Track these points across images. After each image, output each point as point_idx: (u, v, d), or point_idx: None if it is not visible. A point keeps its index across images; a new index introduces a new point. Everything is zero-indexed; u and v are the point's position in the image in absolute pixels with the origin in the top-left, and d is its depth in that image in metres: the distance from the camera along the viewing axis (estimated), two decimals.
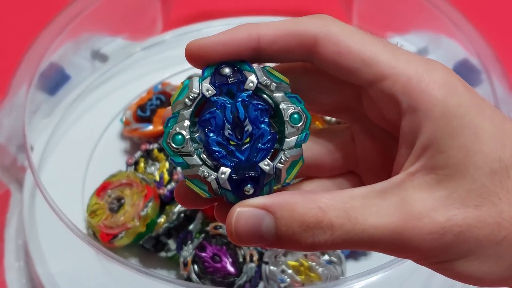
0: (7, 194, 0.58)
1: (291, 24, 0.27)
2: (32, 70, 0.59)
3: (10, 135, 0.58)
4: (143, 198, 0.52)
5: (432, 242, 0.24)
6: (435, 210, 0.24)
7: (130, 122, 0.60)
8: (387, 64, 0.25)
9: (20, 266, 0.53)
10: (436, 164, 0.24)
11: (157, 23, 0.73)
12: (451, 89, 0.25)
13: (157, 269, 0.52)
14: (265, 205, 0.25)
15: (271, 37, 0.26)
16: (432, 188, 0.24)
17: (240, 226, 0.25)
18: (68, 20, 0.64)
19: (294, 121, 0.26)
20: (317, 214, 0.24)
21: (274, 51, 0.27)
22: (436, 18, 0.65)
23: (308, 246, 0.25)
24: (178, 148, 0.26)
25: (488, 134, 0.24)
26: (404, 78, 0.25)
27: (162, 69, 0.68)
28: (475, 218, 0.23)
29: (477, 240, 0.24)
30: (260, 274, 0.49)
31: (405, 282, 0.48)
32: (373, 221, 0.24)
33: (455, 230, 0.23)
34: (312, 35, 0.26)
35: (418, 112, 0.24)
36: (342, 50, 0.26)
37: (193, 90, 0.26)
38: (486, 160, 0.24)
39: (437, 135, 0.24)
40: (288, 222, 0.25)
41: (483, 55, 0.60)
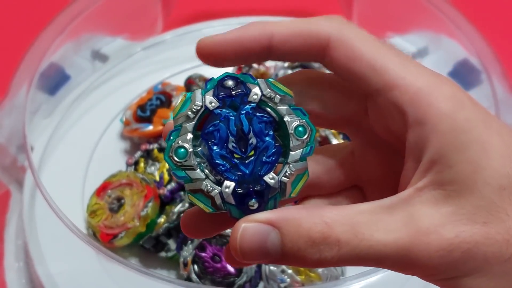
0: (7, 194, 0.58)
1: (304, 24, 0.26)
2: (32, 70, 0.59)
3: (10, 135, 0.58)
4: (143, 198, 0.52)
5: (440, 259, 0.23)
6: (443, 226, 0.23)
7: (130, 122, 0.60)
8: (397, 74, 0.25)
9: (20, 266, 0.53)
10: (444, 180, 0.24)
11: (157, 23, 0.73)
12: (459, 103, 0.24)
13: (157, 269, 0.52)
14: (270, 220, 0.24)
15: (284, 36, 0.26)
16: (440, 203, 0.24)
17: (245, 241, 0.24)
18: (68, 20, 0.64)
19: (299, 134, 0.26)
20: (323, 230, 0.24)
21: (286, 50, 0.26)
22: (436, 18, 0.65)
23: (314, 263, 0.24)
24: (181, 162, 0.25)
25: (497, 149, 0.24)
26: (413, 89, 0.25)
27: (162, 69, 0.68)
28: (483, 235, 0.23)
29: (485, 257, 0.23)
30: (260, 274, 0.49)
31: (405, 282, 0.48)
32: (380, 237, 0.23)
33: (463, 247, 0.23)
34: (326, 37, 0.26)
35: (426, 125, 0.24)
36: (354, 55, 0.25)
37: (196, 103, 0.26)
38: (495, 176, 0.23)
39: (445, 150, 0.24)
40: (294, 237, 0.24)
41: (483, 55, 0.60)
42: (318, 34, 0.26)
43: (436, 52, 0.67)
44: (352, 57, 0.25)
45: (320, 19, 0.26)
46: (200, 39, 0.27)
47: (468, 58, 0.63)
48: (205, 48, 0.27)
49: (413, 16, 0.69)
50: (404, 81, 0.25)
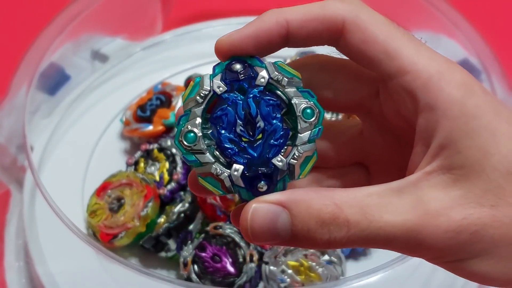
0: (7, 194, 0.58)
1: (318, 8, 0.26)
2: (32, 70, 0.59)
3: (10, 135, 0.58)
4: (143, 198, 0.52)
5: (448, 241, 0.24)
6: (451, 209, 0.24)
7: (130, 122, 0.60)
8: (410, 59, 0.25)
9: (20, 266, 0.53)
10: (453, 164, 0.24)
11: (157, 23, 0.73)
12: (470, 90, 0.25)
13: (157, 269, 0.52)
14: (281, 201, 0.25)
15: (299, 22, 0.26)
16: (448, 187, 0.24)
17: (256, 222, 0.25)
18: (68, 20, 0.64)
19: (307, 116, 0.26)
20: (334, 211, 0.24)
21: (303, 35, 0.26)
22: (436, 18, 0.65)
23: (323, 243, 0.25)
24: (191, 146, 0.26)
25: (506, 136, 0.24)
26: (425, 75, 0.25)
27: (162, 69, 0.68)
28: (491, 218, 0.24)
29: (492, 240, 0.24)
30: (260, 274, 0.49)
31: (405, 282, 0.48)
32: (389, 219, 0.24)
33: (471, 229, 0.24)
34: (341, 20, 0.26)
35: (436, 110, 0.24)
36: (368, 39, 0.26)
37: (204, 87, 0.26)
38: (503, 161, 0.24)
39: (454, 135, 0.24)
40: (304, 218, 0.24)
41: (483, 55, 0.60)
42: (334, 18, 0.26)
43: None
44: (366, 40, 0.26)
45: (335, 2, 0.26)
46: (218, 39, 0.27)
47: (467, 58, 0.63)
48: (224, 47, 0.27)
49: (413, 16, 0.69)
50: (417, 66, 0.25)
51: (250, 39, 0.26)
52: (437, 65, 0.25)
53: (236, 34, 0.26)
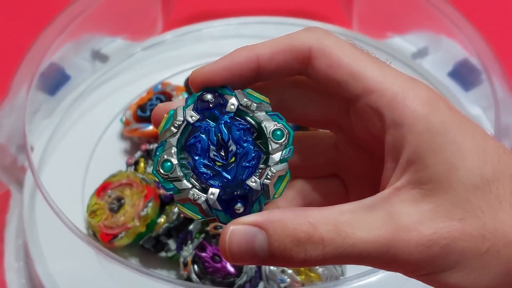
0: (7, 194, 0.58)
1: (286, 39, 0.28)
2: (33, 70, 0.59)
3: (10, 135, 0.58)
4: (143, 198, 0.52)
5: (419, 255, 0.24)
6: (421, 224, 0.24)
7: (130, 122, 0.60)
8: (375, 79, 0.26)
9: (20, 266, 0.53)
10: (421, 179, 0.25)
11: (157, 24, 0.73)
12: (434, 107, 0.25)
13: (157, 269, 0.52)
14: (257, 222, 0.25)
15: (269, 55, 0.27)
16: (418, 202, 0.25)
17: (234, 243, 0.26)
18: (68, 20, 0.64)
19: (277, 137, 0.27)
20: (308, 229, 0.25)
21: (273, 67, 0.28)
22: (436, 18, 0.65)
23: (300, 262, 0.25)
24: (167, 174, 0.27)
25: (470, 152, 0.25)
26: (389, 93, 0.26)
27: (162, 69, 0.68)
28: (460, 231, 0.24)
29: (462, 252, 0.24)
30: (260, 274, 0.49)
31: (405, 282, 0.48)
32: (362, 235, 0.24)
33: (441, 243, 0.24)
34: (307, 48, 0.27)
35: (402, 127, 0.25)
36: (334, 63, 0.27)
37: (177, 118, 0.27)
38: (469, 176, 0.24)
39: (421, 150, 0.25)
40: (280, 237, 0.25)
41: (483, 55, 0.60)
42: (300, 47, 0.27)
43: (436, 52, 0.67)
44: (331, 65, 0.27)
45: (300, 32, 0.28)
46: (192, 71, 0.28)
47: (468, 58, 0.63)
48: (197, 79, 0.28)
49: (413, 16, 0.69)
50: (382, 85, 0.26)
51: (222, 72, 0.28)
52: (401, 83, 0.26)
53: (208, 67, 0.28)
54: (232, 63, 0.28)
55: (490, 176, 0.25)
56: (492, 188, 0.25)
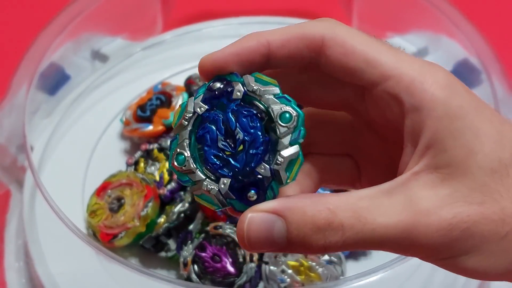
0: (7, 194, 0.58)
1: (298, 28, 0.27)
2: (32, 70, 0.59)
3: (10, 135, 0.58)
4: (143, 198, 0.52)
5: (440, 239, 0.24)
6: (441, 208, 0.24)
7: (130, 122, 0.60)
8: (391, 65, 0.26)
9: (20, 266, 0.53)
10: (439, 163, 0.25)
11: (157, 23, 0.73)
12: (453, 91, 0.25)
13: (157, 269, 0.52)
14: (276, 209, 0.25)
15: (280, 41, 0.27)
16: (437, 186, 0.25)
17: (252, 231, 0.25)
18: (68, 20, 0.64)
19: (285, 120, 0.26)
20: (328, 216, 0.25)
21: (284, 55, 0.27)
22: (436, 18, 0.65)
23: (319, 248, 0.25)
24: (181, 167, 0.27)
25: (488, 136, 0.25)
26: (407, 78, 0.26)
27: (162, 69, 0.68)
28: (480, 215, 0.24)
29: (482, 236, 0.24)
30: (260, 274, 0.49)
31: (405, 282, 0.48)
32: (382, 221, 0.24)
33: (461, 227, 0.24)
34: (320, 36, 0.27)
35: (421, 111, 0.25)
36: (348, 51, 0.26)
37: (187, 110, 0.27)
38: (487, 160, 0.24)
39: (439, 135, 0.25)
40: (299, 225, 0.25)
41: (483, 55, 0.60)
42: (313, 35, 0.27)
43: (436, 52, 0.67)
44: (345, 53, 0.26)
45: (312, 21, 0.28)
46: (201, 58, 0.28)
47: (468, 58, 0.63)
48: (206, 65, 0.28)
49: (413, 16, 0.69)
50: (398, 70, 0.26)
51: (232, 57, 0.27)
52: (418, 67, 0.26)
53: (218, 53, 0.27)
54: (242, 48, 0.27)
55: (508, 160, 0.25)
56: (510, 172, 0.25)
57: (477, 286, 0.48)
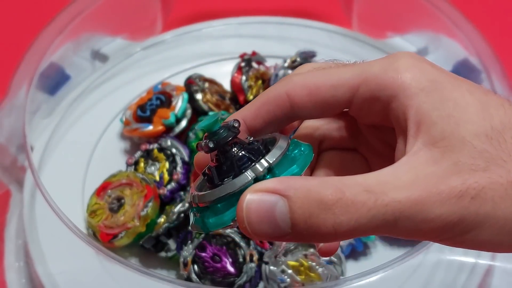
0: (7, 194, 0.58)
1: (262, 96, 0.29)
2: (32, 70, 0.59)
3: (10, 135, 0.58)
4: (143, 198, 0.52)
5: (452, 207, 0.24)
6: (448, 177, 0.24)
7: (130, 122, 0.60)
8: (355, 76, 0.27)
9: (20, 266, 0.53)
10: (434, 137, 0.25)
11: (157, 23, 0.73)
12: (419, 69, 0.26)
13: (157, 269, 0.52)
14: (277, 189, 0.24)
15: (252, 114, 0.29)
16: (439, 161, 0.24)
17: (252, 214, 0.24)
18: (68, 20, 0.64)
19: None
20: (336, 192, 0.23)
21: (260, 126, 0.29)
22: (436, 18, 0.65)
23: (329, 231, 0.23)
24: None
25: (471, 106, 0.25)
26: (373, 77, 0.27)
27: (162, 69, 0.68)
28: (487, 180, 0.24)
29: (493, 202, 0.24)
30: (260, 274, 0.49)
31: (405, 282, 0.48)
32: (393, 195, 0.23)
33: (471, 193, 0.24)
34: (283, 92, 0.28)
35: (398, 97, 0.26)
36: (312, 89, 0.28)
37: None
38: (479, 128, 0.25)
39: (423, 110, 0.25)
40: (304, 203, 0.23)
41: (483, 55, 0.60)
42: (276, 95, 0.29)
43: (436, 52, 0.67)
44: (311, 91, 0.28)
45: (274, 85, 0.29)
46: (195, 157, 0.30)
47: (468, 58, 0.63)
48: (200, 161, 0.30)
49: (413, 16, 0.69)
50: (363, 76, 0.27)
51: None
52: (378, 64, 0.27)
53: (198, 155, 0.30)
54: None
55: (500, 126, 0.25)
56: (507, 137, 0.24)
57: (477, 285, 0.48)
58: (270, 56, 0.66)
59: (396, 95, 0.26)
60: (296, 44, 0.67)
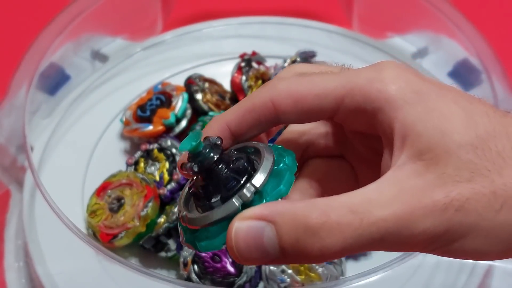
0: (7, 194, 0.58)
1: (246, 101, 0.29)
2: (32, 70, 0.59)
3: (10, 135, 0.58)
4: (143, 198, 0.52)
5: (436, 220, 0.24)
6: (432, 191, 0.24)
7: (130, 122, 0.60)
8: (340, 86, 0.27)
9: (20, 266, 0.53)
10: (420, 150, 0.25)
11: (157, 23, 0.73)
12: (404, 81, 0.26)
13: (157, 269, 0.52)
14: (263, 215, 0.24)
15: (236, 120, 0.29)
16: (423, 174, 0.25)
17: (240, 241, 0.24)
18: (68, 20, 0.64)
19: None
20: (321, 215, 0.24)
21: (243, 131, 0.29)
22: (436, 18, 0.65)
23: (316, 254, 0.24)
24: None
25: (457, 116, 0.25)
26: (358, 88, 0.26)
27: (162, 69, 0.68)
28: (470, 191, 0.24)
29: (477, 213, 0.24)
30: (260, 274, 0.49)
31: (405, 282, 0.48)
32: (379, 213, 0.24)
33: (455, 205, 0.24)
34: (268, 99, 0.28)
35: (384, 110, 0.26)
36: (297, 99, 0.27)
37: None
38: (464, 138, 0.24)
39: (408, 122, 0.25)
40: (291, 229, 0.24)
41: (483, 55, 0.60)
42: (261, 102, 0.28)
43: (436, 52, 0.67)
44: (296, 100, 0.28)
45: (258, 89, 0.29)
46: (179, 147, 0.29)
47: (468, 58, 0.63)
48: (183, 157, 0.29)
49: (413, 16, 0.69)
50: (349, 86, 0.27)
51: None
52: (364, 74, 0.27)
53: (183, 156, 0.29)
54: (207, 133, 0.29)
55: (485, 135, 0.25)
56: (491, 145, 0.24)
57: (477, 285, 0.48)
58: (270, 56, 0.66)
59: (382, 108, 0.26)
60: (296, 44, 0.67)
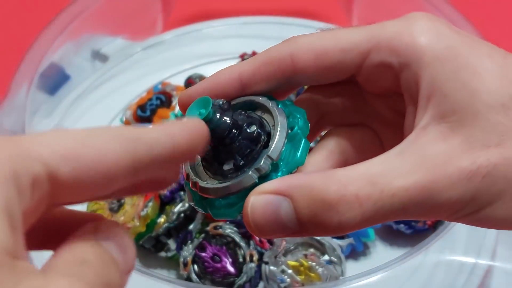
0: None
1: (264, 54, 0.27)
2: (33, 70, 0.59)
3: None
4: (143, 198, 0.52)
5: (462, 189, 0.23)
6: (458, 157, 0.23)
7: (130, 122, 0.60)
8: (365, 40, 0.25)
9: None
10: (445, 111, 0.23)
11: (157, 23, 0.73)
12: (436, 34, 0.24)
13: (157, 269, 0.52)
14: (279, 189, 0.23)
15: (250, 71, 0.27)
16: (448, 137, 0.23)
17: (258, 216, 0.23)
18: (68, 20, 0.64)
19: None
20: (339, 189, 0.22)
21: (257, 83, 0.27)
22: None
23: (335, 227, 0.23)
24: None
25: (490, 72, 0.23)
26: (385, 41, 0.25)
27: (162, 69, 0.68)
28: (500, 156, 0.23)
29: (506, 179, 0.23)
30: (260, 274, 0.49)
31: (405, 282, 0.48)
32: (400, 183, 0.22)
33: (482, 172, 0.22)
34: (287, 54, 0.26)
35: (411, 65, 0.24)
36: (318, 53, 0.26)
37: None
38: (495, 97, 0.23)
39: (435, 81, 0.24)
40: (308, 203, 0.23)
41: None
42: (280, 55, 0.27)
43: None
44: (317, 55, 0.26)
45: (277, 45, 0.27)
46: (180, 93, 0.28)
47: None
48: (184, 101, 0.27)
49: None
50: (375, 40, 0.25)
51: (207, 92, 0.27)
52: (391, 27, 0.25)
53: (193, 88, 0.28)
54: (215, 84, 0.27)
55: None
56: None
57: (477, 285, 0.48)
58: None
59: (409, 64, 0.24)
60: None
